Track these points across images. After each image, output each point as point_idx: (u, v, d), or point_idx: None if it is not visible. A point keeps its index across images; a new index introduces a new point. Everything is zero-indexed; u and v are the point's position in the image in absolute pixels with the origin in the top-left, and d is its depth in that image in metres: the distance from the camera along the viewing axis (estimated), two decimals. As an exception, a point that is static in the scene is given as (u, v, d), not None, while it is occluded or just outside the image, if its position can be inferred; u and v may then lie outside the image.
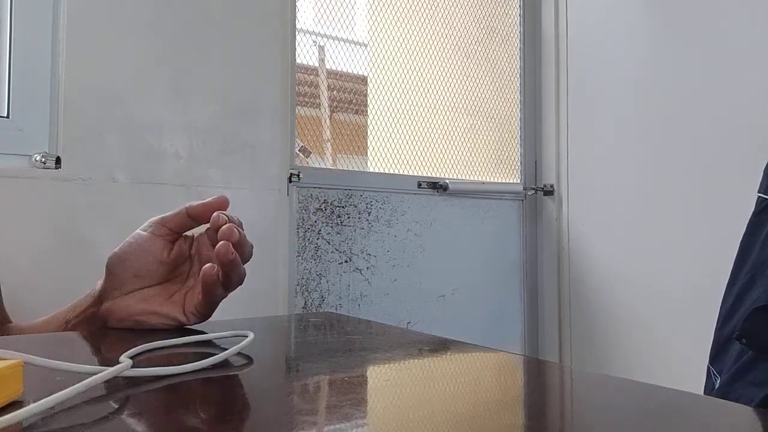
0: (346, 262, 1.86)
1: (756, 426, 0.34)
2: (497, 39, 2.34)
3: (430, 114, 2.20)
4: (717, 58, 1.82)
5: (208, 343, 0.52)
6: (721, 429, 0.34)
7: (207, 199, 0.63)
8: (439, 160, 2.19)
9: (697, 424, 0.35)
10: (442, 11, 2.24)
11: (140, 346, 0.46)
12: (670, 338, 1.87)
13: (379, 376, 0.45)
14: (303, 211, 1.79)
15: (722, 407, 0.39)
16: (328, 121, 2.08)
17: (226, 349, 0.45)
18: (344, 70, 2.10)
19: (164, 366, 0.39)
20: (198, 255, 0.65)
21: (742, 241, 0.83)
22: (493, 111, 2.32)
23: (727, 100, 1.79)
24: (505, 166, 2.34)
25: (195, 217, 0.63)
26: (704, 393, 0.83)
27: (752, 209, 0.83)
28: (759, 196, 0.83)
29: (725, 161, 1.79)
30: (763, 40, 1.72)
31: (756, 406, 0.71)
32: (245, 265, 0.60)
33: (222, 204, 0.64)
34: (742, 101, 1.75)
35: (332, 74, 2.09)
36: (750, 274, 0.79)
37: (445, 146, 2.22)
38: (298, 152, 1.86)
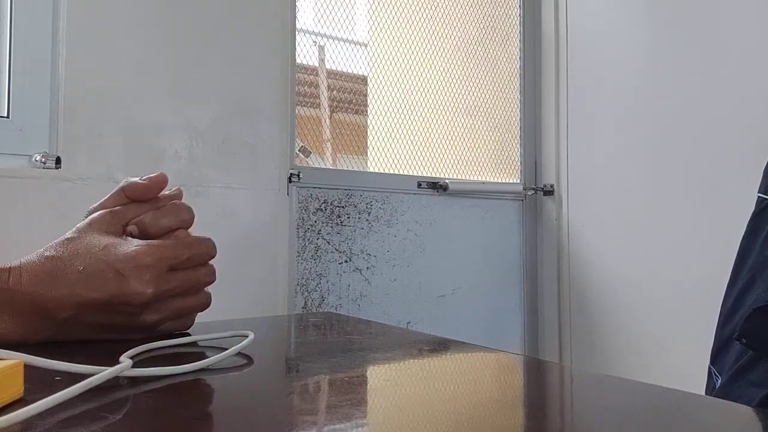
0: (346, 262, 1.86)
1: (756, 426, 0.34)
2: (497, 39, 2.34)
3: (430, 114, 2.20)
4: (717, 57, 1.82)
5: (209, 343, 0.52)
6: (721, 429, 0.34)
7: (147, 177, 0.59)
8: (439, 160, 2.19)
9: (698, 424, 0.35)
10: (442, 11, 2.24)
11: (140, 346, 0.46)
12: (671, 338, 1.87)
13: (379, 376, 0.45)
14: (303, 211, 1.79)
15: (722, 407, 0.39)
16: (328, 121, 2.08)
17: (226, 349, 0.45)
18: (344, 70, 2.10)
19: (164, 366, 0.39)
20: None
21: (742, 242, 0.83)
22: (493, 111, 2.32)
23: (727, 100, 1.79)
24: (505, 166, 2.34)
25: (134, 197, 0.59)
26: (705, 393, 0.83)
27: (752, 209, 0.83)
28: (759, 196, 0.83)
29: (725, 161, 1.79)
30: (762, 40, 1.72)
31: (756, 406, 0.71)
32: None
33: (160, 182, 0.58)
34: (742, 101, 1.75)
35: (332, 74, 2.09)
36: (750, 274, 0.80)
37: (445, 146, 2.22)
38: (298, 152, 1.86)
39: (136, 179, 0.58)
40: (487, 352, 0.53)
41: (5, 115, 1.34)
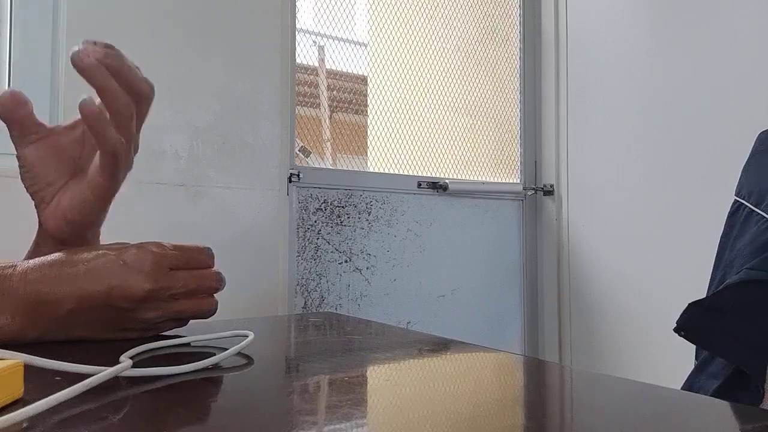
0: (346, 262, 1.86)
1: (757, 426, 0.34)
2: (497, 39, 2.34)
3: (430, 114, 2.20)
4: (717, 58, 1.82)
5: (209, 343, 0.52)
6: (720, 429, 0.34)
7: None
8: (439, 160, 2.19)
9: (697, 423, 0.35)
10: (442, 11, 2.24)
11: (140, 346, 0.46)
12: (670, 338, 1.86)
13: (379, 376, 0.45)
14: (303, 211, 1.79)
15: (722, 407, 0.39)
16: (328, 121, 2.08)
17: (226, 349, 0.45)
18: (344, 70, 2.10)
19: (164, 366, 0.39)
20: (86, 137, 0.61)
21: (719, 241, 0.86)
22: (493, 111, 2.32)
23: (728, 100, 1.79)
24: (505, 166, 2.34)
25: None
26: None
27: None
28: (734, 198, 0.86)
29: (726, 161, 1.78)
30: (762, 41, 1.72)
31: (710, 395, 0.74)
32: None
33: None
34: (742, 101, 1.75)
35: (332, 74, 2.09)
36: (721, 273, 0.82)
37: (445, 146, 2.22)
38: (298, 152, 1.86)
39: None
40: (487, 352, 0.53)
41: (5, 115, 1.34)
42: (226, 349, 0.45)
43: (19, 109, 0.58)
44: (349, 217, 1.87)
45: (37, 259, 0.49)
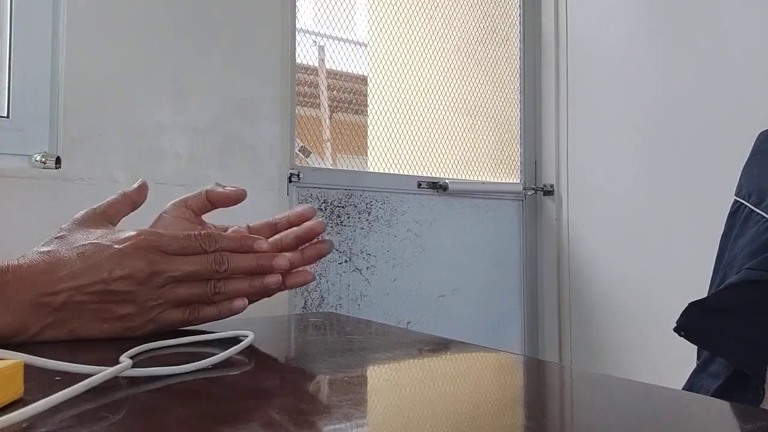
0: (346, 262, 1.86)
1: (757, 426, 0.34)
2: (497, 39, 2.34)
3: (430, 114, 2.20)
4: (716, 58, 1.82)
5: (208, 343, 0.52)
6: (720, 429, 0.34)
7: (227, 188, 0.63)
8: (439, 160, 2.19)
9: (697, 423, 0.35)
10: (442, 11, 2.24)
11: (140, 346, 0.46)
12: (670, 338, 1.86)
13: (379, 376, 0.45)
14: (303, 211, 1.78)
15: (722, 407, 0.39)
16: (328, 121, 2.08)
17: (226, 349, 0.45)
18: (344, 70, 2.10)
19: (164, 366, 0.39)
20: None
21: (720, 241, 0.87)
22: (493, 111, 2.32)
23: (727, 100, 1.79)
24: (505, 166, 2.34)
25: (214, 202, 0.64)
26: None
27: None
28: (734, 198, 0.86)
29: (725, 161, 1.78)
30: (762, 42, 1.72)
31: (711, 395, 0.75)
32: None
33: (240, 196, 0.64)
34: (743, 101, 1.75)
35: (332, 74, 2.09)
36: (721, 273, 0.83)
37: (445, 146, 2.22)
38: (298, 152, 1.86)
39: (220, 187, 0.64)
40: (487, 352, 0.53)
41: (5, 115, 1.34)
42: (226, 349, 0.45)
43: (228, 203, 0.65)
44: (349, 217, 1.87)
45: (27, 255, 0.50)
